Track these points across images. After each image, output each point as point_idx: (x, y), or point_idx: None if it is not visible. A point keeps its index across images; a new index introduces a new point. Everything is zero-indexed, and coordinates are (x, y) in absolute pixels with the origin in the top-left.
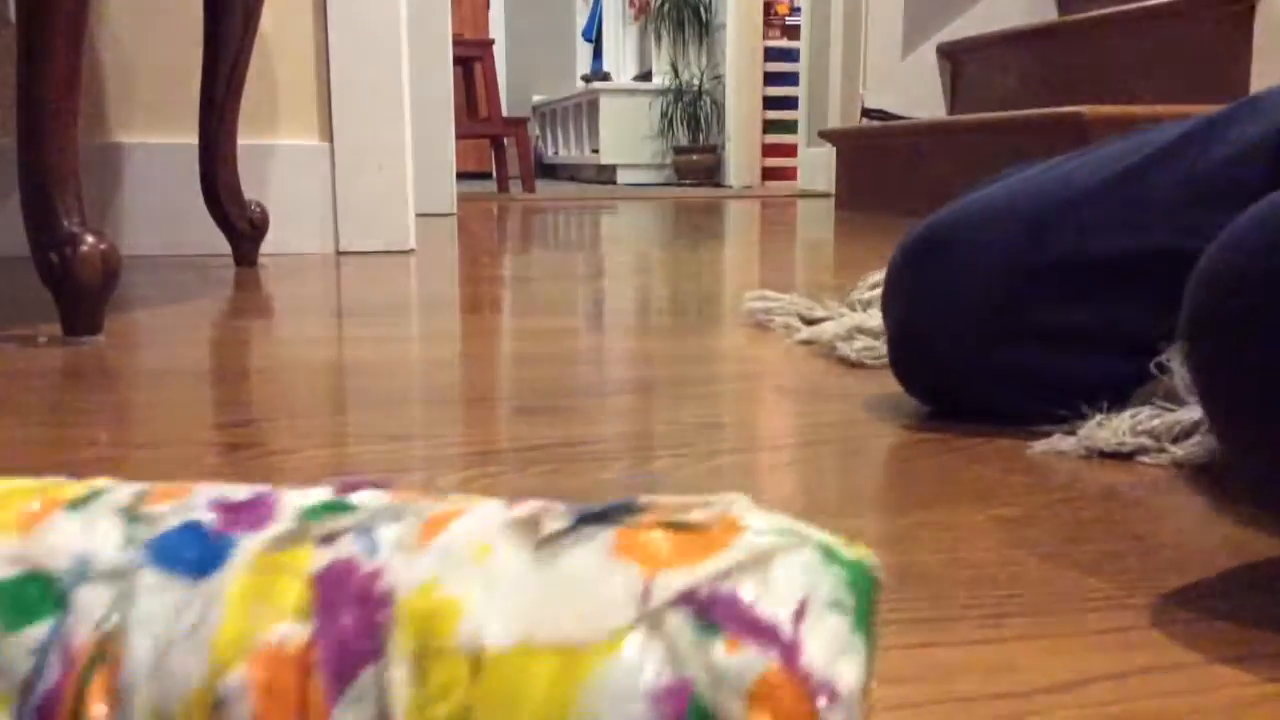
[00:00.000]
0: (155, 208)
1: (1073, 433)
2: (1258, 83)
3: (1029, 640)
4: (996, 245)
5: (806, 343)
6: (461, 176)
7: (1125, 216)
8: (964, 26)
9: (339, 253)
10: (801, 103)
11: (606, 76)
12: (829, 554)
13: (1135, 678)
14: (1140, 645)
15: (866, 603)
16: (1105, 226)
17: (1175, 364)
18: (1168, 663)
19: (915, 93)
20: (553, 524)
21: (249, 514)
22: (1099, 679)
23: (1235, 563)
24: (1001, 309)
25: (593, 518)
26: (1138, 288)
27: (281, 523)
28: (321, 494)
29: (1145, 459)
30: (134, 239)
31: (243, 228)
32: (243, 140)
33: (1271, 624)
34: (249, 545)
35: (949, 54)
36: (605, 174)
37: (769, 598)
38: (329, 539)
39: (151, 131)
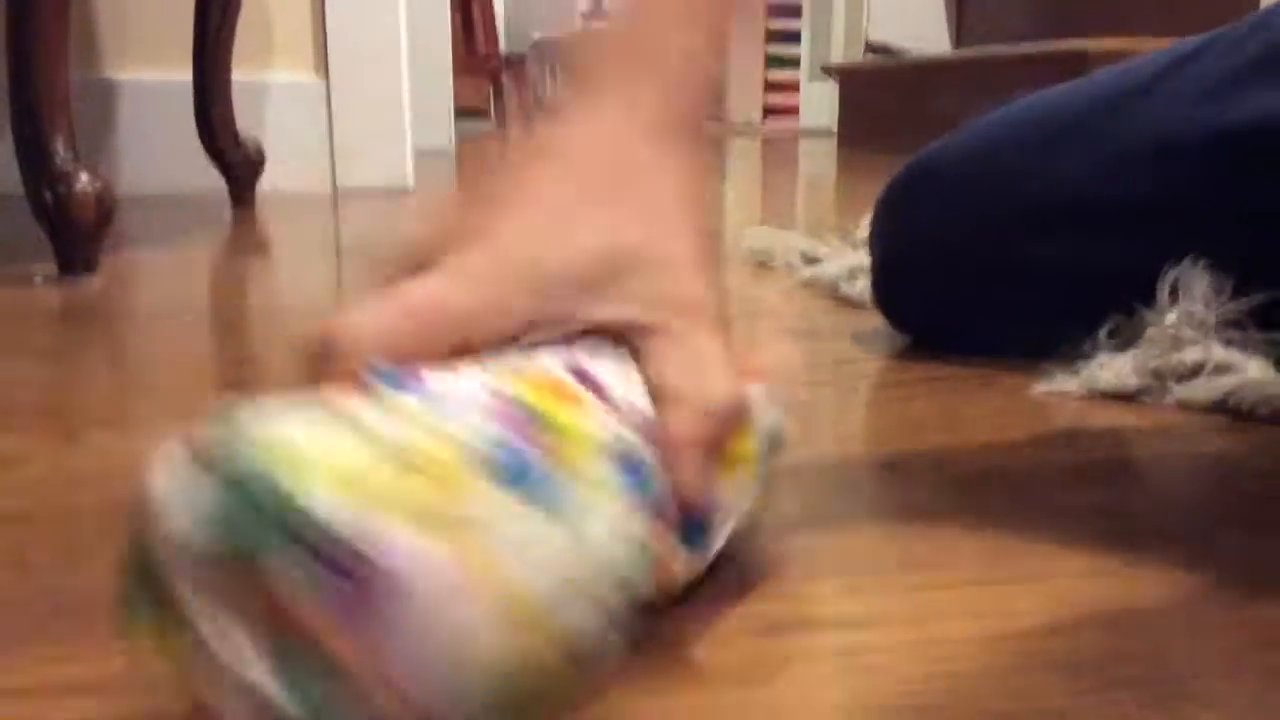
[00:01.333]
0: (150, 145)
1: (1076, 373)
2: None
3: (1028, 583)
4: (974, 185)
5: (808, 282)
6: (461, 115)
7: (1102, 161)
8: None
9: (336, 191)
10: (804, 37)
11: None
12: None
13: (1134, 620)
14: (1140, 588)
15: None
16: (1080, 174)
17: (1168, 304)
18: (1167, 605)
19: (920, 27)
20: None
21: None
22: (1097, 622)
23: (1239, 504)
24: (977, 245)
25: None
26: (1111, 232)
27: None
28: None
29: (1149, 399)
30: (129, 177)
31: (238, 165)
32: (237, 77)
33: (1273, 567)
34: None
35: None
36: None
37: None
38: None
39: (145, 68)
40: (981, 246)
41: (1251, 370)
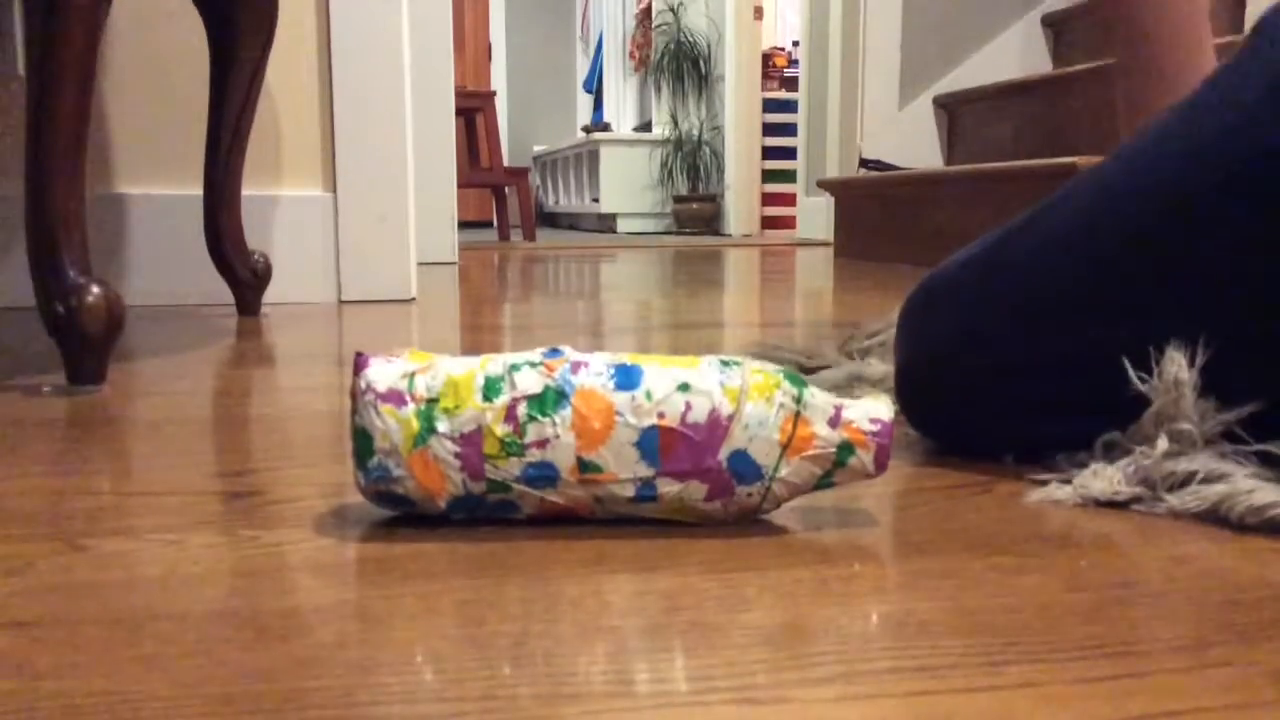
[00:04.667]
0: (160, 258)
1: (1068, 481)
2: None
3: (1027, 688)
4: (984, 293)
5: None
6: (463, 225)
7: (1101, 248)
8: (960, 78)
9: (341, 302)
10: (800, 153)
11: (607, 127)
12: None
13: None
14: (1136, 693)
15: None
16: (1076, 304)
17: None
18: (1164, 710)
19: (912, 143)
20: None
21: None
22: None
23: (1231, 611)
24: (992, 350)
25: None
26: (1116, 320)
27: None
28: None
29: (1140, 508)
30: (138, 289)
31: (246, 277)
32: (247, 191)
33: (1266, 673)
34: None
35: (945, 105)
36: (605, 223)
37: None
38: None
39: (157, 182)
40: (996, 352)
41: (1241, 478)
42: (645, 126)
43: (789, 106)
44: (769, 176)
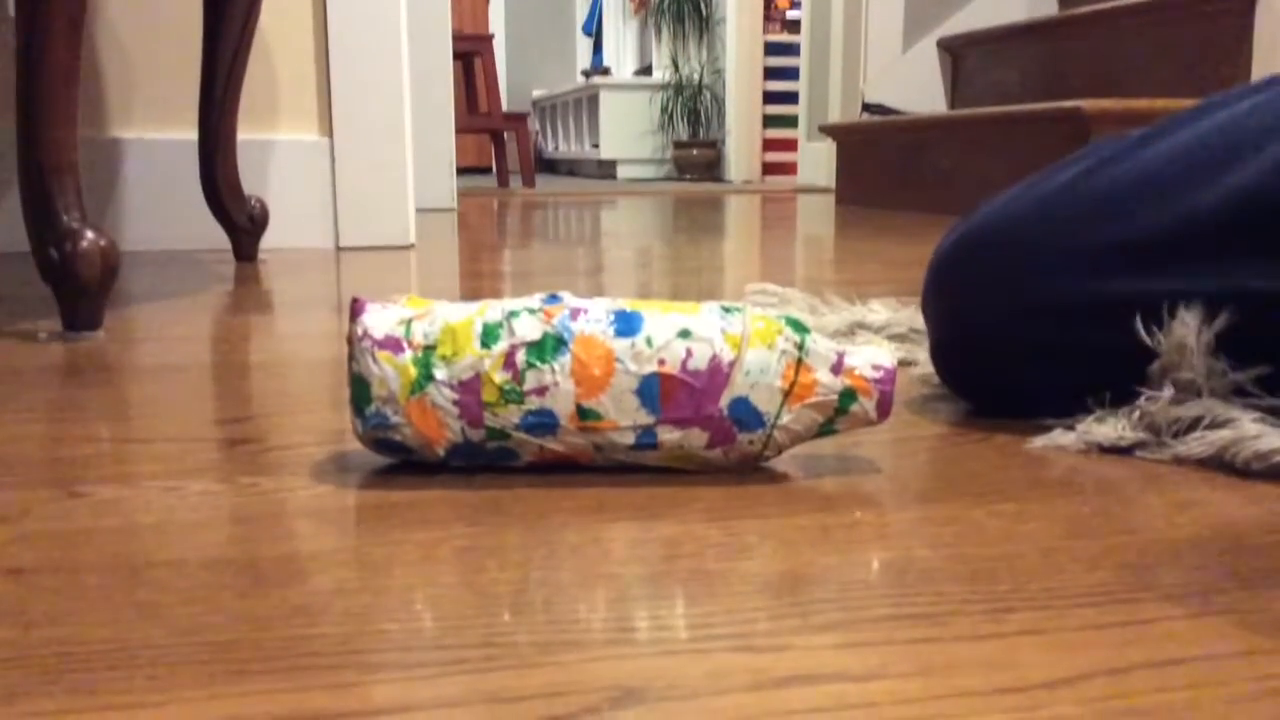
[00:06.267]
0: (155, 203)
1: (1072, 427)
2: (1258, 78)
3: (1030, 635)
4: (1026, 257)
5: None
6: (461, 171)
7: (1145, 248)
8: (965, 21)
9: (339, 248)
10: (802, 97)
11: (607, 71)
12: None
13: (1135, 673)
14: (1139, 640)
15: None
16: (1118, 256)
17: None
18: (1166, 658)
19: (915, 87)
20: None
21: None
22: (1099, 674)
23: (1234, 558)
24: (1034, 315)
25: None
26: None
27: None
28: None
29: (1144, 453)
30: (134, 234)
31: (242, 223)
32: (242, 135)
33: (1270, 620)
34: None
35: (949, 48)
36: (605, 169)
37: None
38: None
39: (151, 127)
40: (1037, 316)
41: (1247, 424)
42: (645, 70)
43: (791, 50)
44: (770, 122)
